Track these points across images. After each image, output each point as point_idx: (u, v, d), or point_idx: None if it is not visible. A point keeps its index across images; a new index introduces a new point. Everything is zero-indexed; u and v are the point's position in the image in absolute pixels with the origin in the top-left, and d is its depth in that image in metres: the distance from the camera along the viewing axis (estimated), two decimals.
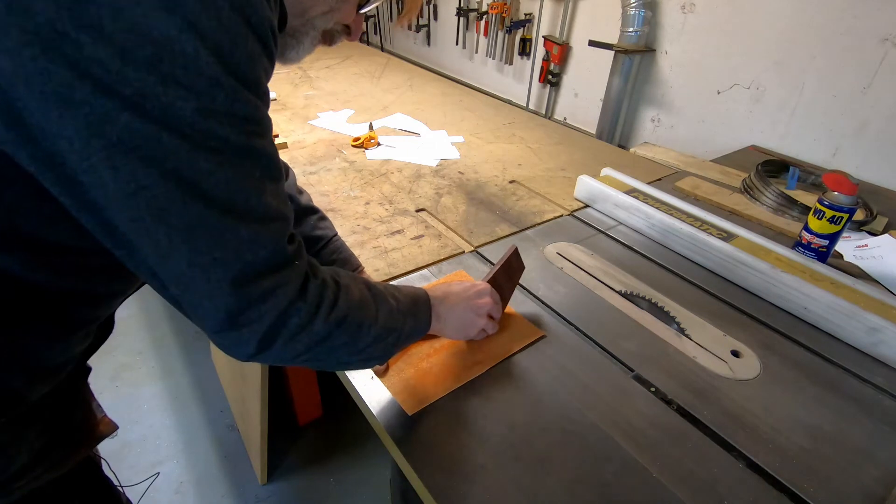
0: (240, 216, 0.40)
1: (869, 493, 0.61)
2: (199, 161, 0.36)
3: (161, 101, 0.33)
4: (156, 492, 1.34)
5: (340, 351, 0.50)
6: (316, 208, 0.77)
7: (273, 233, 0.43)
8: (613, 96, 2.19)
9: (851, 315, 0.84)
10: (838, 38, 1.58)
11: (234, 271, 0.40)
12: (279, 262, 0.43)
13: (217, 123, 0.36)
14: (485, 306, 0.71)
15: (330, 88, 2.00)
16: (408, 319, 0.59)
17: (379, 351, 0.55)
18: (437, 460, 0.61)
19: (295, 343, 0.45)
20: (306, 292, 0.45)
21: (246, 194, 0.40)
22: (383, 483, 1.38)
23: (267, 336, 0.43)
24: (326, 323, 0.46)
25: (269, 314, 0.42)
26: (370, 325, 0.52)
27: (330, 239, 0.75)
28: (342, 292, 0.49)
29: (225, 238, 0.39)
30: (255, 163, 0.40)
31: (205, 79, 0.35)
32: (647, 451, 0.64)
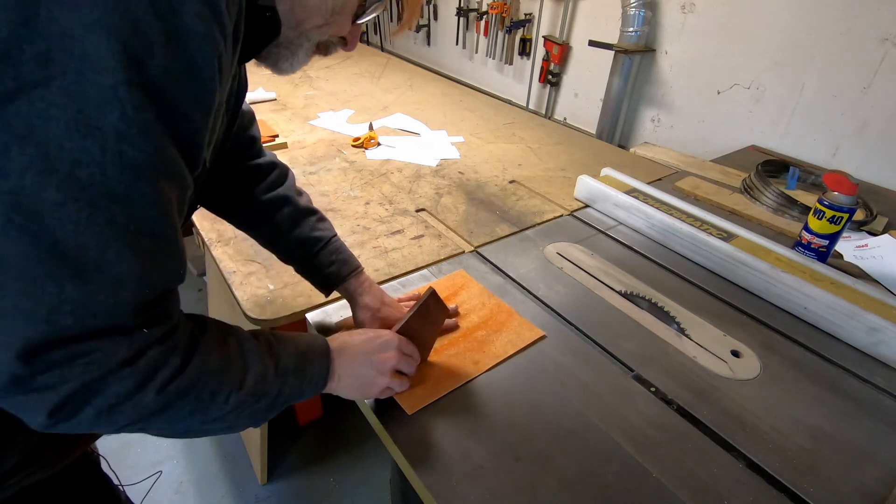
0: (77, 270, 0.32)
1: (869, 493, 0.61)
2: (48, 188, 0.30)
3: (33, 103, 0.28)
4: (156, 492, 1.34)
5: (186, 420, 0.42)
6: (315, 209, 0.77)
7: (119, 303, 0.35)
8: (613, 96, 2.19)
9: (851, 315, 0.84)
10: (838, 38, 1.58)
11: (37, 332, 0.32)
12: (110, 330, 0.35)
13: (97, 147, 0.30)
14: (388, 361, 0.61)
15: (330, 88, 2.01)
16: (289, 380, 0.50)
17: (244, 419, 0.47)
18: (437, 460, 0.61)
19: (114, 415, 0.37)
20: (140, 359, 0.37)
21: (101, 245, 0.32)
22: (383, 483, 1.38)
23: (64, 407, 0.35)
24: (161, 394, 0.38)
25: (71, 383, 0.34)
26: (230, 391, 0.44)
27: (329, 240, 0.75)
28: (196, 355, 0.41)
29: (42, 289, 0.32)
30: (132, 210, 0.33)
31: (98, 88, 0.29)
32: (647, 451, 0.64)
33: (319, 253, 0.74)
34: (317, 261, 0.74)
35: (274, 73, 0.53)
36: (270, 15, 0.45)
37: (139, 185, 0.33)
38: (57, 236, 0.31)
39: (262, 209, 0.71)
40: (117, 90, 0.30)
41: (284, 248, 0.75)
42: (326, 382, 0.56)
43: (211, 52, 0.33)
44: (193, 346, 0.42)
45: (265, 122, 1.56)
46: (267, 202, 0.71)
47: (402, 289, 0.92)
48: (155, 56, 0.30)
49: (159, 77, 0.31)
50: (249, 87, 0.58)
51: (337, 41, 0.55)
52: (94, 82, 0.29)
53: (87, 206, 0.31)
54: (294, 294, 0.86)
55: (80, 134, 0.29)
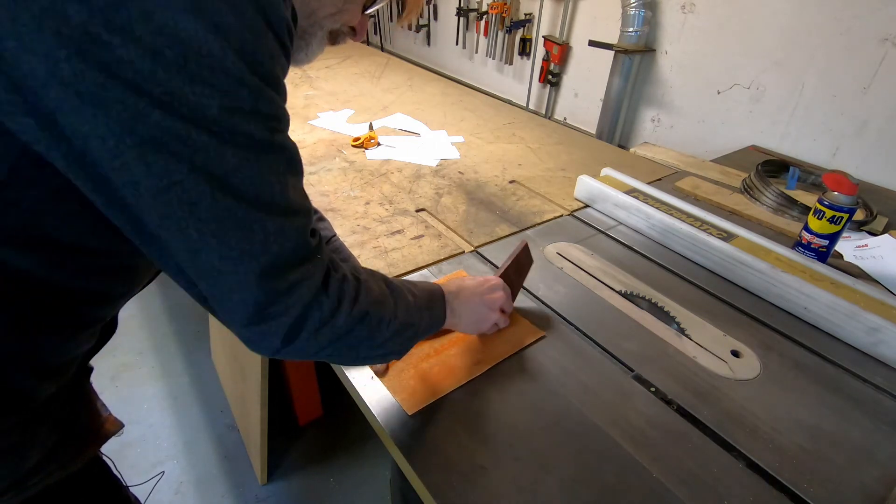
0: (266, 209, 0.41)
1: (869, 493, 0.61)
2: (226, 156, 0.37)
3: (189, 99, 0.34)
4: (156, 492, 1.34)
5: (361, 345, 0.51)
6: (315, 209, 0.77)
7: (297, 226, 0.43)
8: (613, 96, 2.19)
9: (851, 315, 0.84)
10: (838, 38, 1.58)
11: (263, 264, 0.41)
12: (303, 255, 0.44)
13: (242, 120, 0.38)
14: (497, 301, 0.74)
15: (330, 88, 2.01)
16: (424, 314, 0.60)
17: (397, 345, 0.56)
18: (437, 460, 0.61)
19: (318, 337, 0.46)
20: (328, 287, 0.46)
21: (271, 188, 0.41)
22: (383, 483, 1.38)
23: (292, 329, 0.44)
24: (349, 318, 0.47)
25: (295, 307, 0.43)
26: (390, 320, 0.53)
27: (329, 240, 0.76)
28: (362, 288, 0.50)
29: (253, 231, 0.40)
30: (278, 157, 0.42)
31: (230, 78, 0.36)
32: (647, 451, 0.64)
33: None
34: None
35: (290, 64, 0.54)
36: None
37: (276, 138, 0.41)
38: (243, 190, 0.39)
39: None
40: (244, 78, 0.37)
41: None
42: (445, 319, 0.67)
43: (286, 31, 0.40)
44: (358, 281, 0.50)
45: None
46: None
47: None
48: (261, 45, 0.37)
49: (266, 61, 0.38)
50: None
51: (347, 31, 0.57)
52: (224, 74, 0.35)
53: (255, 161, 0.39)
54: None
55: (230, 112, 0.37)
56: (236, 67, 0.36)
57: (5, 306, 0.43)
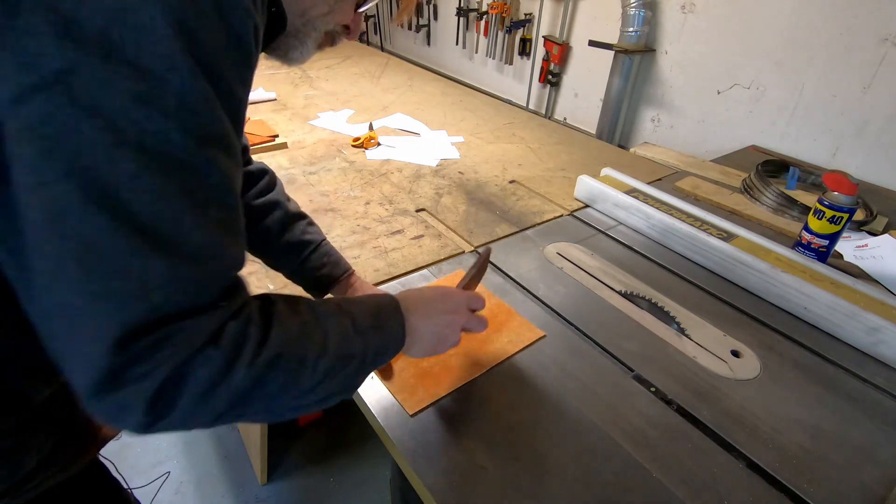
0: (160, 243, 0.32)
1: (869, 493, 0.61)
2: (120, 160, 0.29)
3: (97, 77, 0.28)
4: (156, 492, 1.34)
5: (282, 397, 0.40)
6: (304, 214, 0.77)
7: (200, 274, 0.34)
8: (613, 96, 2.19)
9: (851, 315, 0.84)
10: (838, 38, 1.58)
11: (132, 311, 0.31)
12: (196, 308, 0.34)
13: (160, 115, 0.30)
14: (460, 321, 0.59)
15: (330, 88, 2.01)
16: (371, 338, 0.48)
17: (337, 386, 0.44)
18: (437, 460, 0.61)
19: (209, 401, 0.35)
20: (221, 335, 0.35)
21: (176, 218, 0.32)
22: (383, 483, 1.38)
23: (161, 398, 0.33)
24: (251, 368, 0.36)
25: (162, 368, 0.32)
26: (317, 358, 0.42)
27: (319, 243, 0.75)
28: (275, 324, 0.40)
29: (130, 267, 0.31)
30: (201, 177, 0.33)
31: (157, 57, 0.29)
32: (647, 451, 0.64)
33: (311, 256, 0.74)
34: (309, 263, 0.74)
35: (284, 63, 0.53)
36: (276, 10, 0.45)
37: (203, 151, 0.33)
38: (135, 209, 0.30)
39: (254, 214, 0.72)
40: (174, 59, 0.30)
41: (275, 252, 0.75)
42: (404, 336, 0.52)
43: (251, 25, 0.34)
44: (268, 317, 0.40)
45: (265, 123, 1.56)
46: (258, 207, 0.72)
47: (402, 289, 0.91)
48: (206, 27, 0.31)
49: (209, 48, 0.32)
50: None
51: (341, 29, 0.56)
52: (152, 52, 0.29)
53: (160, 175, 0.31)
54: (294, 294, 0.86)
55: (144, 103, 0.30)
56: (167, 44, 0.29)
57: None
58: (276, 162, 1.35)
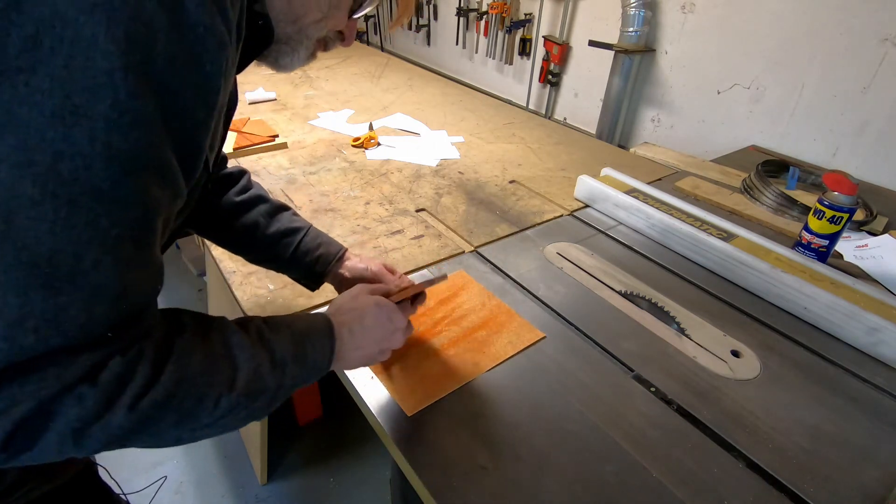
0: (50, 280, 0.29)
1: (869, 493, 0.61)
2: (23, 182, 0.27)
3: (16, 89, 0.26)
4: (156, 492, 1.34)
5: (174, 431, 0.38)
6: (287, 206, 0.77)
7: (93, 318, 0.31)
8: (613, 96, 2.19)
9: (851, 315, 0.84)
10: (838, 38, 1.58)
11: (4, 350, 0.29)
12: (78, 345, 0.31)
13: (84, 137, 0.27)
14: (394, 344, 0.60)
15: (330, 88, 2.01)
16: (288, 370, 0.46)
17: (240, 420, 0.42)
18: (437, 460, 0.61)
19: (83, 439, 0.33)
20: (100, 374, 0.32)
21: (78, 252, 0.29)
22: (383, 483, 1.38)
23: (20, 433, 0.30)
24: (133, 412, 0.33)
25: (23, 404, 0.29)
26: (219, 395, 0.39)
27: (308, 228, 0.75)
28: (174, 359, 0.37)
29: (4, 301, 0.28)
30: (117, 212, 0.30)
31: (91, 73, 0.27)
32: (647, 451, 0.64)
33: (304, 239, 0.73)
34: (303, 247, 0.73)
35: (275, 70, 0.52)
36: (263, 23, 0.44)
37: (127, 182, 0.30)
38: (28, 239, 0.27)
39: (239, 208, 0.71)
40: (112, 75, 0.27)
41: (265, 244, 0.73)
42: (330, 365, 0.52)
43: (215, 45, 0.32)
44: (167, 351, 0.37)
45: (265, 122, 1.56)
46: (241, 203, 0.72)
47: None
48: (158, 43, 0.29)
49: (163, 66, 0.29)
50: (250, 86, 0.58)
51: (335, 36, 0.55)
52: (85, 67, 0.27)
53: (67, 205, 0.28)
54: (294, 294, 0.86)
55: (66, 123, 0.27)
56: (107, 60, 0.27)
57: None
58: (276, 162, 1.35)
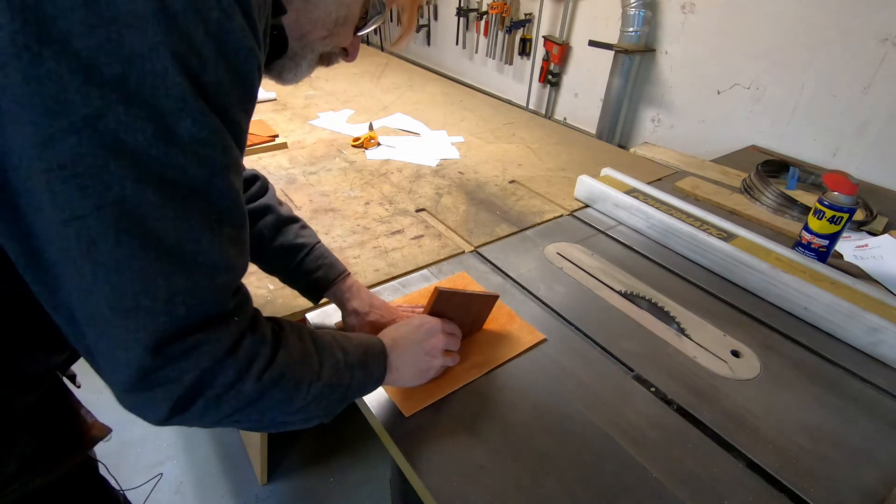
0: (181, 262, 0.36)
1: (869, 493, 0.61)
2: (146, 193, 0.33)
3: (120, 120, 0.31)
4: (156, 492, 1.34)
5: (275, 411, 0.45)
6: (297, 217, 0.77)
7: (217, 287, 0.39)
8: (613, 96, 2.19)
9: (851, 315, 0.84)
10: (838, 38, 1.58)
11: (159, 325, 0.36)
12: (214, 318, 0.39)
13: (178, 150, 0.34)
14: (438, 346, 0.67)
15: (330, 88, 2.01)
16: (356, 373, 0.54)
17: (321, 409, 0.50)
18: (437, 460, 0.61)
19: (220, 405, 0.40)
20: (238, 349, 0.41)
21: (196, 237, 0.36)
22: (383, 483, 1.38)
23: (185, 398, 0.38)
24: (259, 382, 0.42)
25: (190, 374, 0.37)
26: (310, 382, 0.47)
27: (313, 246, 0.75)
28: (282, 347, 0.45)
29: (157, 285, 0.35)
30: (213, 202, 0.37)
31: (171, 100, 0.32)
32: (647, 451, 0.64)
33: (305, 259, 0.74)
34: (303, 267, 0.74)
35: (278, 83, 0.54)
36: (277, 33, 0.46)
37: (216, 180, 0.36)
38: (160, 235, 0.34)
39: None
40: (186, 101, 0.33)
41: (269, 257, 0.74)
42: (385, 376, 0.61)
43: (253, 62, 0.37)
44: (278, 339, 0.45)
45: (265, 122, 1.56)
46: (249, 212, 0.71)
47: (402, 289, 0.92)
48: (208, 70, 0.34)
49: (213, 88, 0.35)
50: None
51: (339, 52, 0.56)
52: (167, 96, 0.32)
53: (181, 204, 0.35)
54: (294, 294, 0.86)
55: (164, 141, 0.33)
56: (178, 89, 0.32)
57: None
58: (276, 162, 1.35)
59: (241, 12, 0.35)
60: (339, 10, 0.50)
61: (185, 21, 0.32)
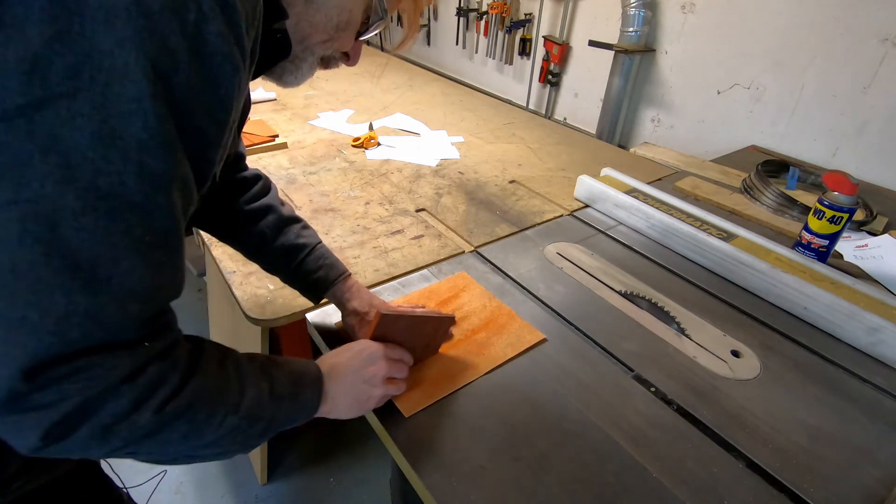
0: (89, 281, 0.32)
1: (869, 493, 0.61)
2: (67, 196, 0.30)
3: (59, 115, 0.29)
4: (156, 492, 1.34)
5: (180, 444, 0.41)
6: (299, 217, 0.77)
7: (126, 314, 0.35)
8: (613, 96, 2.19)
9: (851, 315, 0.84)
10: (838, 38, 1.58)
11: (44, 344, 0.32)
12: (115, 344, 0.35)
13: (118, 156, 0.31)
14: (378, 372, 0.61)
15: (330, 88, 2.01)
16: (283, 404, 0.50)
17: (237, 444, 0.46)
18: (437, 460, 0.61)
19: (108, 436, 0.36)
20: (139, 376, 0.36)
21: (115, 257, 0.33)
22: (383, 483, 1.38)
23: (60, 426, 0.33)
24: (159, 414, 0.37)
25: (71, 400, 0.33)
26: (225, 414, 0.43)
27: (314, 246, 0.75)
28: (196, 375, 0.41)
29: (52, 300, 0.31)
30: (149, 221, 0.34)
31: (124, 99, 0.30)
32: (647, 451, 0.64)
33: (306, 259, 0.74)
34: (303, 267, 0.74)
35: (279, 85, 0.54)
36: (281, 36, 0.46)
37: (156, 196, 0.33)
38: (72, 246, 0.31)
39: (247, 218, 0.71)
40: (142, 102, 0.31)
41: (270, 257, 0.75)
42: (319, 407, 0.56)
43: (230, 70, 0.35)
44: (192, 366, 0.41)
45: (265, 122, 1.56)
46: (251, 212, 0.72)
47: (402, 289, 0.92)
48: (179, 72, 0.32)
49: (182, 92, 0.32)
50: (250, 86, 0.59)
51: (340, 56, 0.56)
52: (119, 94, 0.30)
53: (106, 216, 0.31)
54: (294, 294, 0.86)
55: (104, 144, 0.30)
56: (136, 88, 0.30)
57: None
58: (276, 162, 1.35)
59: (223, 18, 0.33)
60: (340, 14, 0.50)
61: (160, 19, 0.30)
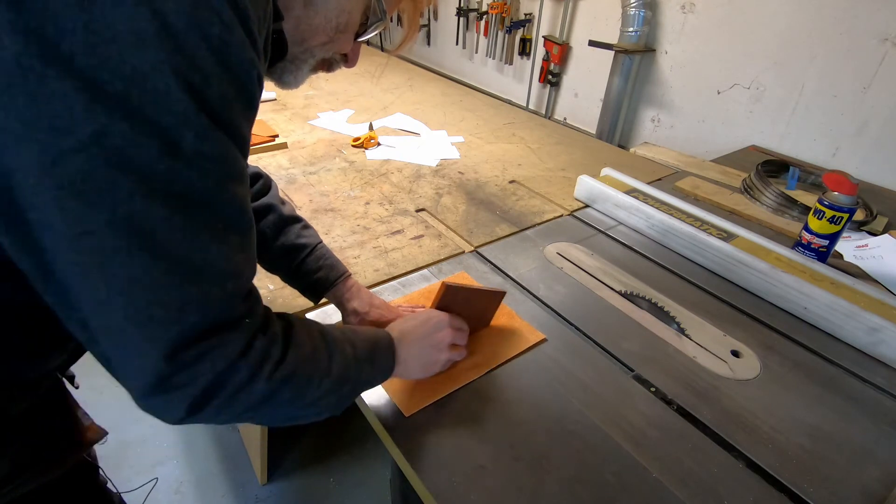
0: (191, 273, 0.37)
1: (869, 493, 0.61)
2: (154, 207, 0.34)
3: (125, 137, 0.32)
4: (156, 492, 1.34)
5: (286, 407, 0.47)
6: (299, 217, 0.77)
7: (227, 293, 0.40)
8: (613, 96, 2.19)
9: (851, 315, 0.84)
10: (838, 38, 1.58)
11: (173, 333, 0.37)
12: (226, 323, 0.40)
13: (183, 165, 0.34)
14: (444, 340, 0.68)
15: (330, 88, 2.01)
16: (364, 367, 0.56)
17: (331, 404, 0.52)
18: (437, 460, 0.61)
19: (232, 404, 0.42)
20: (250, 350, 0.42)
21: (203, 250, 0.37)
22: (383, 483, 1.38)
23: (199, 400, 0.40)
24: (270, 381, 0.43)
25: (204, 377, 0.39)
26: (321, 378, 0.49)
27: (315, 246, 0.75)
28: (292, 346, 0.46)
29: (169, 296, 0.36)
30: (220, 212, 0.38)
31: (174, 116, 0.33)
32: (647, 451, 0.64)
33: (306, 259, 0.74)
34: (304, 267, 0.74)
35: (278, 86, 0.54)
36: (277, 37, 0.46)
37: (220, 191, 0.38)
38: (170, 247, 0.35)
39: None
40: (188, 117, 0.34)
41: (270, 257, 0.75)
42: (393, 369, 0.62)
43: (254, 73, 0.38)
44: (288, 338, 0.47)
45: (265, 122, 1.56)
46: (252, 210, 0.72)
47: (402, 289, 0.92)
48: (212, 85, 0.35)
49: (217, 102, 0.35)
50: None
51: (339, 58, 0.57)
52: (168, 111, 0.33)
53: (187, 215, 0.36)
54: (294, 294, 0.86)
55: (170, 156, 0.34)
56: (181, 105, 0.33)
57: None
58: (276, 162, 1.35)
59: (240, 25, 0.35)
60: (339, 16, 0.50)
61: (186, 39, 0.32)
